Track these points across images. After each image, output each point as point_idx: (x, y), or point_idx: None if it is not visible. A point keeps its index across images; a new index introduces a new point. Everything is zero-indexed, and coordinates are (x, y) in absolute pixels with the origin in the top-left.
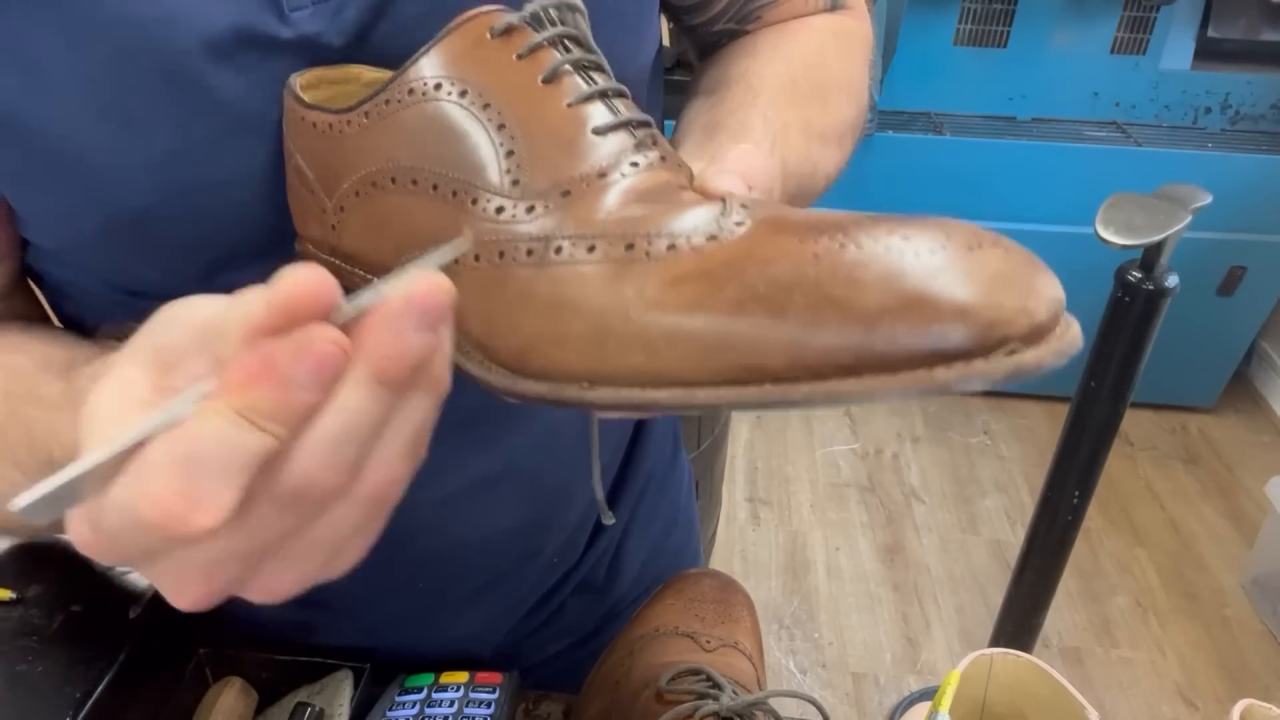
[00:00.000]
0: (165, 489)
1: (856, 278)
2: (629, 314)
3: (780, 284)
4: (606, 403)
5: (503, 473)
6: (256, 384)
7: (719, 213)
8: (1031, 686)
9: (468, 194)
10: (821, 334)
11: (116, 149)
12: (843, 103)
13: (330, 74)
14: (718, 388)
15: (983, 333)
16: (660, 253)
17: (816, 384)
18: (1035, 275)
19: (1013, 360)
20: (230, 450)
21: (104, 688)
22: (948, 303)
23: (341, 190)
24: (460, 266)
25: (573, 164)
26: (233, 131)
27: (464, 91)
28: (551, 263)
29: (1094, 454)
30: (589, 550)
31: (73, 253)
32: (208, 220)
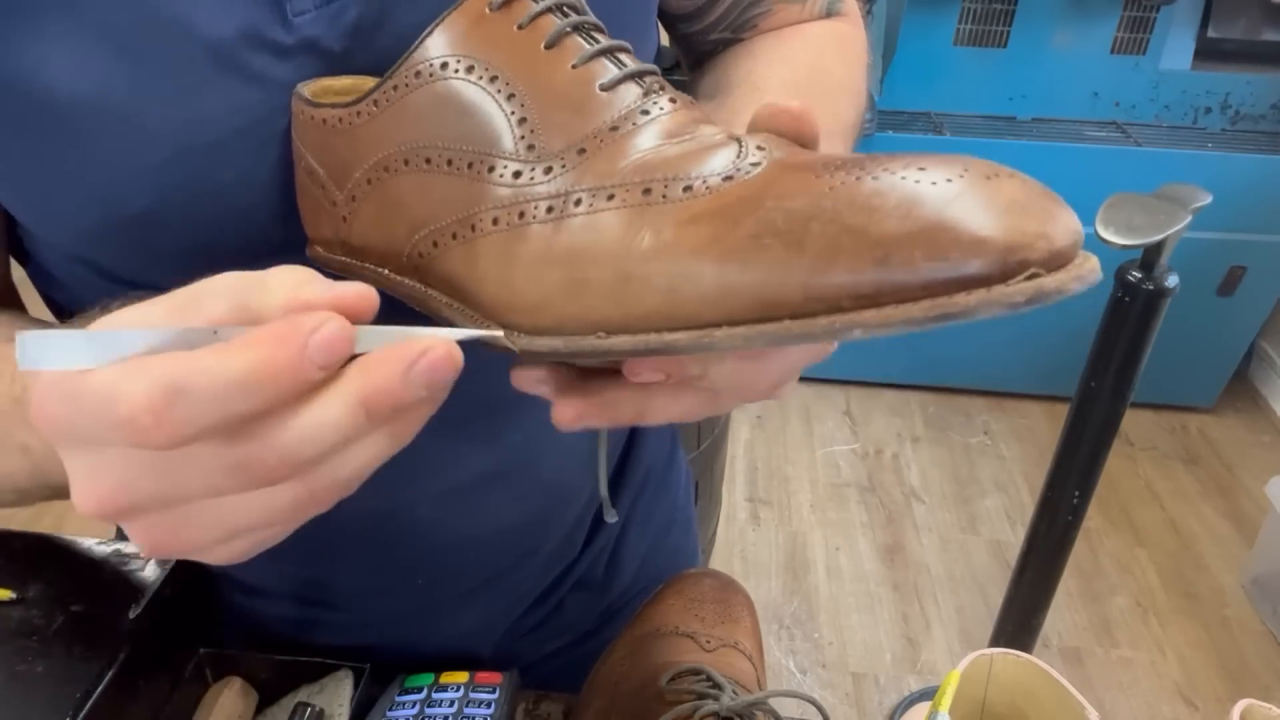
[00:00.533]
0: (145, 399)
1: (874, 206)
2: (646, 257)
3: (797, 216)
4: (624, 349)
5: (501, 470)
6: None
7: (735, 154)
8: (1031, 686)
9: (483, 163)
10: (840, 264)
11: (119, 150)
12: (844, 104)
13: (335, 84)
14: (736, 326)
15: (1003, 256)
16: (677, 195)
17: (836, 316)
18: (1053, 205)
19: (1034, 284)
20: (220, 402)
21: (104, 688)
22: (966, 228)
23: (354, 180)
24: (475, 234)
25: (585, 122)
26: (236, 137)
27: (470, 67)
28: (570, 214)
29: (1094, 454)
30: (587, 547)
31: (72, 245)
32: (207, 224)
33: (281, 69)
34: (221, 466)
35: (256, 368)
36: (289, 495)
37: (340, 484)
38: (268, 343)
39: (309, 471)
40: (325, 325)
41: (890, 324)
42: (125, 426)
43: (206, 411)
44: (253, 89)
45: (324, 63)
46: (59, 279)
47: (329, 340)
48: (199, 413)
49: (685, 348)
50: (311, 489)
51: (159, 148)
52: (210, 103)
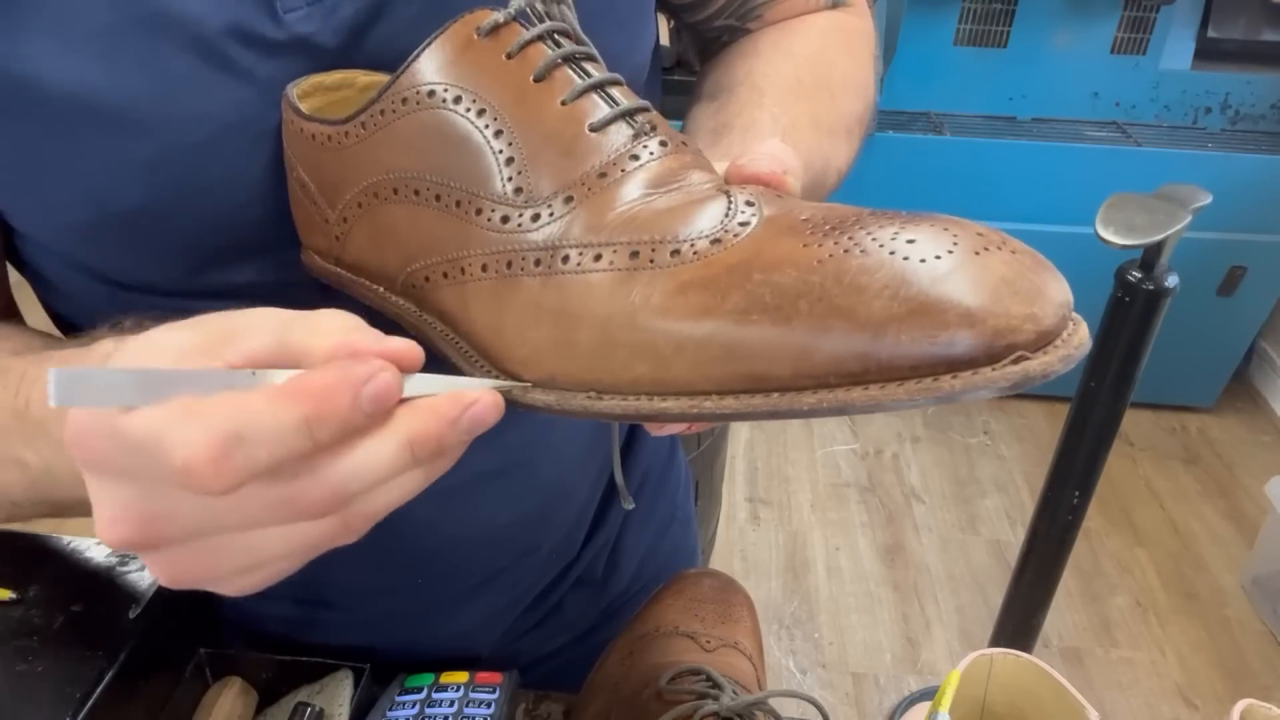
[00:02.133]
0: (204, 446)
1: (861, 285)
2: (636, 322)
3: (785, 292)
4: (614, 413)
5: (501, 470)
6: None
7: (723, 212)
8: (1031, 686)
9: (471, 204)
10: (827, 342)
11: (108, 147)
12: (850, 97)
13: (326, 80)
14: (724, 397)
15: (990, 341)
16: (665, 260)
17: (824, 393)
18: (1042, 279)
19: (1020, 369)
20: (279, 447)
21: (104, 688)
22: (954, 310)
23: (344, 201)
24: (465, 277)
25: (573, 165)
26: (227, 134)
27: (458, 98)
28: (559, 272)
29: (1094, 454)
30: (587, 546)
31: (63, 245)
32: (199, 221)
33: (272, 66)
34: (267, 503)
35: (311, 416)
36: (325, 527)
37: (372, 516)
38: (322, 391)
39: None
40: (379, 375)
41: (877, 403)
42: (182, 474)
43: (263, 457)
44: (243, 86)
45: (315, 60)
46: (56, 285)
47: (381, 391)
48: (256, 459)
49: (675, 416)
50: (347, 521)
51: (148, 144)
52: (200, 99)
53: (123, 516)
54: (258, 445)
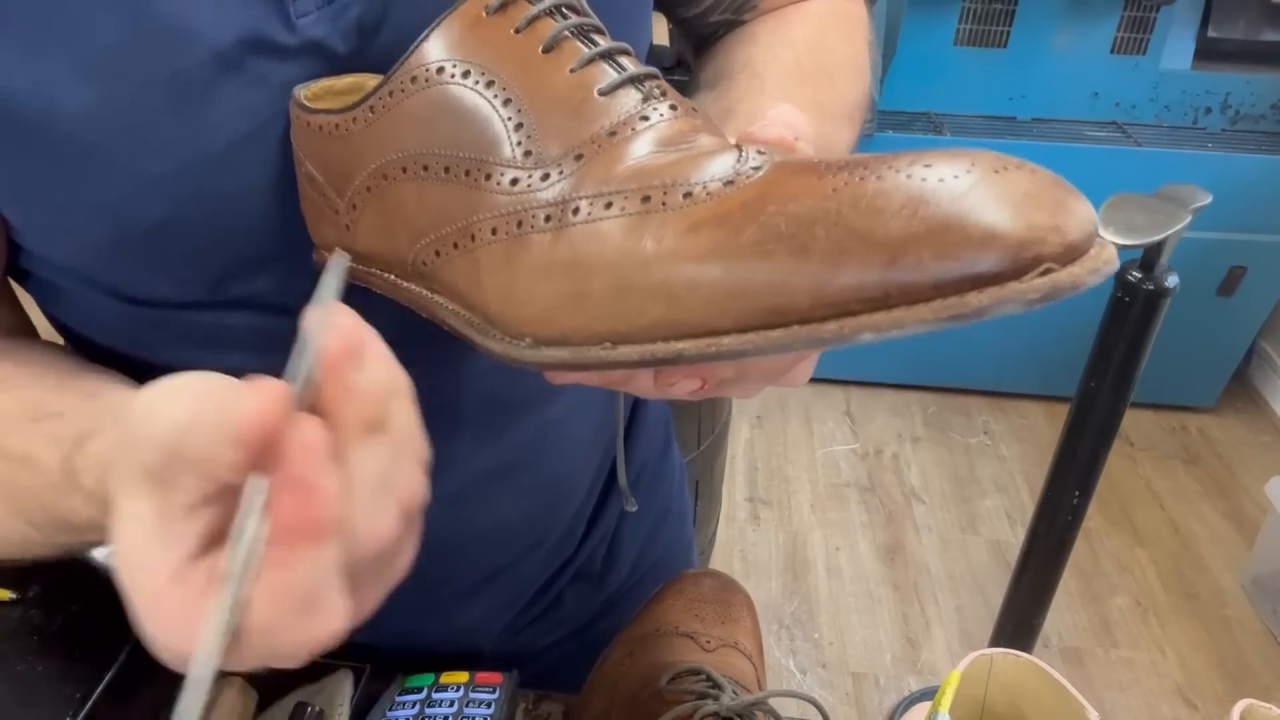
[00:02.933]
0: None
1: (879, 207)
2: (649, 265)
3: (801, 220)
4: (630, 360)
5: (506, 468)
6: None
7: (735, 159)
8: (1031, 686)
9: (480, 170)
10: (846, 268)
11: (127, 164)
12: (849, 82)
13: (336, 84)
14: (743, 333)
15: (1015, 253)
16: (677, 202)
17: (845, 320)
18: (1066, 195)
19: (1048, 280)
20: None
21: (104, 688)
22: (976, 225)
23: (353, 188)
24: (475, 243)
25: (583, 127)
26: (244, 143)
27: (466, 72)
28: (569, 224)
29: (1094, 454)
30: (585, 540)
31: (77, 263)
32: (219, 232)
33: (286, 71)
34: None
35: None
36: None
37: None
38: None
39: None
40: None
41: (901, 326)
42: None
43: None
44: (258, 93)
45: (328, 63)
46: (63, 299)
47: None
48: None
49: (692, 357)
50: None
51: (167, 159)
52: (216, 109)
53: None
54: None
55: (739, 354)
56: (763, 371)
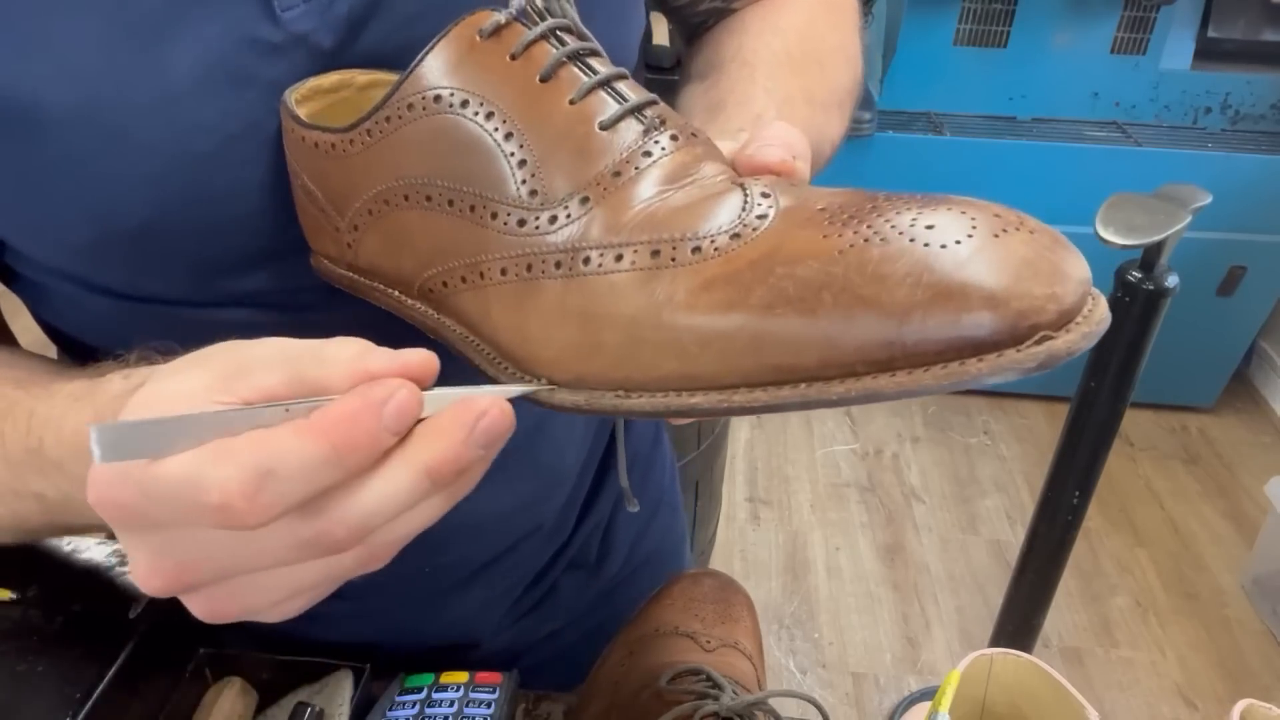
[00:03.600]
0: (238, 483)
1: (884, 274)
2: (660, 321)
3: (808, 284)
4: (643, 410)
5: (504, 456)
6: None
7: (740, 206)
8: (1031, 686)
9: (486, 208)
10: (853, 331)
11: (113, 164)
12: (840, 69)
13: (324, 82)
14: (753, 390)
15: (1014, 323)
16: (686, 258)
17: (851, 381)
18: (1062, 257)
19: (1044, 348)
20: (309, 477)
21: (104, 688)
22: (977, 294)
23: (354, 209)
24: (485, 281)
25: (587, 165)
26: (233, 141)
27: (465, 101)
28: (580, 274)
29: (1094, 454)
30: (579, 528)
31: (66, 263)
32: (207, 231)
33: (273, 68)
34: (294, 543)
35: (338, 444)
36: (350, 559)
37: (397, 544)
38: (345, 418)
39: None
40: (397, 394)
41: (906, 389)
42: (217, 512)
43: (295, 490)
44: (245, 92)
45: (316, 59)
46: (52, 300)
47: (401, 408)
48: (287, 491)
49: (705, 410)
50: (372, 552)
51: (153, 158)
52: (202, 108)
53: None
54: (289, 479)
55: (750, 410)
56: None
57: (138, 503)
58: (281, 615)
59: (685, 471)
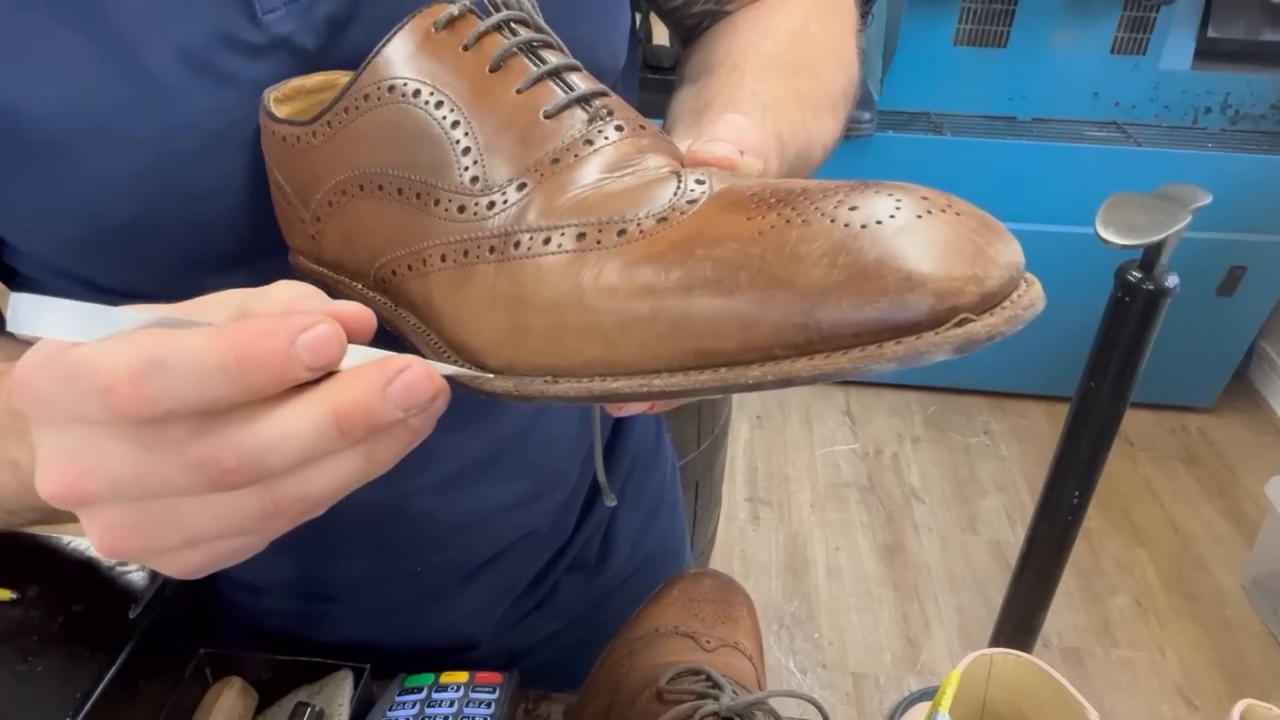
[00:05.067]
0: (125, 369)
1: (800, 254)
2: (584, 304)
3: (726, 265)
4: (569, 395)
5: (494, 456)
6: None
7: (674, 190)
8: (1031, 686)
9: (430, 195)
10: (769, 314)
11: (97, 162)
12: (833, 71)
13: (307, 83)
14: (674, 374)
15: (932, 304)
16: (612, 240)
17: (769, 365)
18: (988, 239)
19: (963, 331)
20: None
21: (104, 688)
22: (893, 275)
23: (316, 201)
24: (427, 268)
25: (527, 152)
26: (216, 141)
27: (417, 91)
28: (511, 258)
29: (1094, 454)
30: (579, 530)
31: (55, 259)
32: (190, 230)
33: (256, 70)
34: (182, 464)
35: (240, 353)
36: (251, 504)
37: (307, 500)
38: (255, 332)
39: (273, 481)
40: (317, 325)
41: (822, 372)
42: (102, 395)
43: (183, 390)
44: (228, 92)
45: (298, 61)
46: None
47: (318, 340)
48: (175, 389)
49: (626, 395)
50: (276, 500)
51: (137, 157)
52: (186, 108)
53: (56, 467)
54: (179, 376)
55: (671, 395)
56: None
57: (47, 384)
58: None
59: (685, 471)
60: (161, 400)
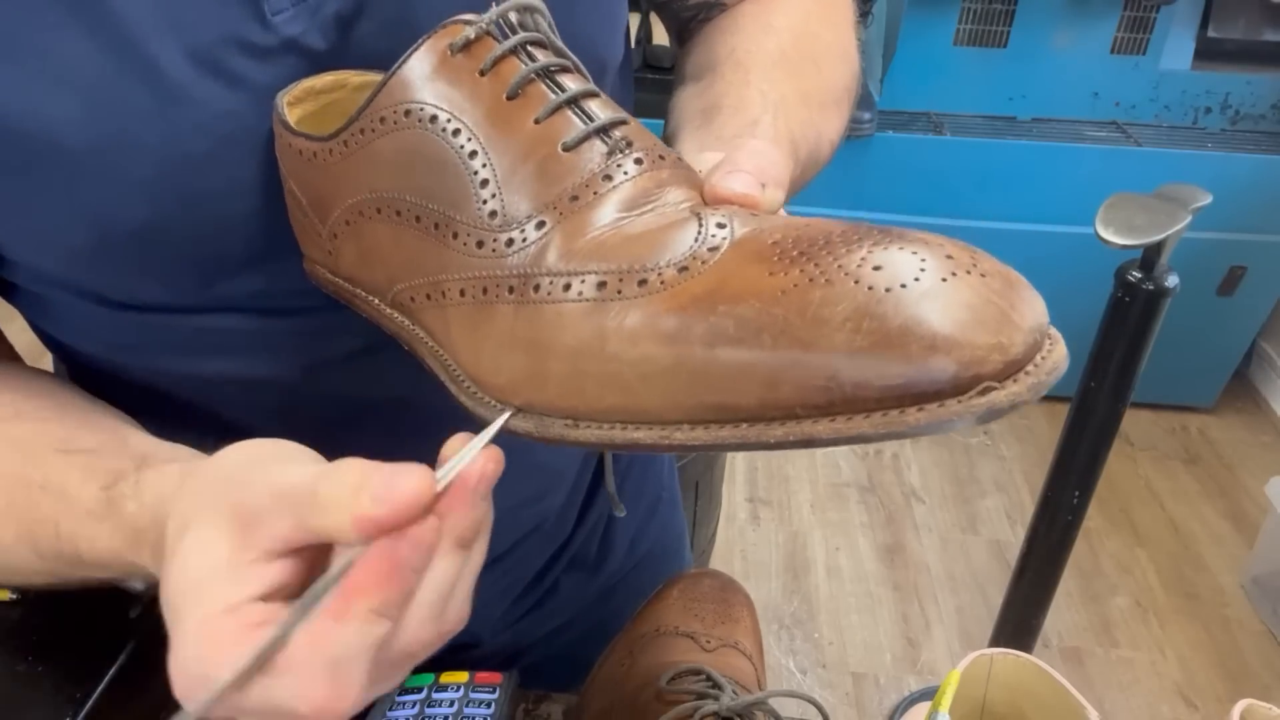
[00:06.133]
0: (318, 690)
1: (824, 317)
2: (605, 353)
3: (748, 325)
4: (589, 440)
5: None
6: (390, 582)
7: (694, 235)
8: (1031, 686)
9: (449, 227)
10: (792, 374)
11: (111, 167)
12: (836, 67)
13: (317, 84)
14: (694, 428)
15: (955, 373)
16: (633, 291)
17: (791, 425)
18: (1012, 303)
19: (985, 400)
20: (368, 645)
21: (104, 688)
22: (917, 343)
23: (333, 218)
24: (445, 300)
25: (546, 188)
26: (227, 144)
27: (434, 117)
28: (531, 301)
29: (1094, 454)
30: (579, 527)
31: (63, 271)
32: (203, 233)
33: (265, 71)
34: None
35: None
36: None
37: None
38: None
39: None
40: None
41: (843, 435)
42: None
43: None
44: (238, 94)
45: (307, 61)
46: (50, 309)
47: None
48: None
49: (648, 445)
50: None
51: (149, 162)
52: (197, 111)
53: None
54: (355, 660)
55: (691, 448)
56: None
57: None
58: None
59: (685, 471)
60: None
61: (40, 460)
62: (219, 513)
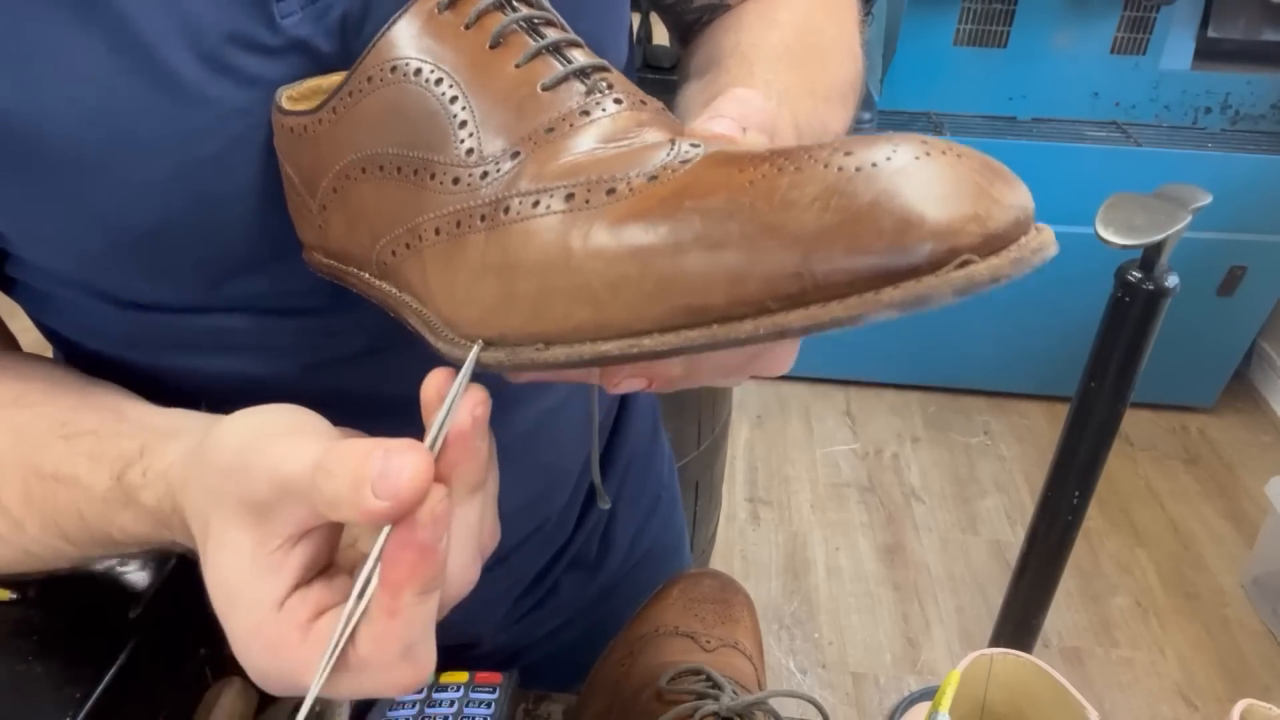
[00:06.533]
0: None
1: (792, 200)
2: (571, 267)
3: (715, 215)
4: (560, 361)
5: (506, 455)
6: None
7: (665, 152)
8: (1031, 686)
9: (426, 170)
10: (760, 264)
11: (121, 169)
12: (841, 62)
13: (324, 83)
14: (664, 334)
15: (931, 246)
16: (600, 199)
17: (761, 319)
18: (991, 180)
19: (964, 273)
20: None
21: (104, 688)
22: (889, 216)
23: (321, 189)
24: (422, 244)
25: (522, 124)
26: (236, 144)
27: (418, 70)
28: (500, 224)
29: (1094, 454)
30: (580, 527)
31: (73, 271)
32: (214, 234)
33: (274, 72)
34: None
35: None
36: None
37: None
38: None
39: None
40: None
41: (817, 323)
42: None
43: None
44: (248, 94)
45: (315, 63)
46: (55, 306)
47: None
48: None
49: (616, 358)
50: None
51: (160, 164)
52: (206, 112)
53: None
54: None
55: (660, 354)
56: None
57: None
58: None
59: (685, 471)
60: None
61: (46, 448)
62: (230, 509)
